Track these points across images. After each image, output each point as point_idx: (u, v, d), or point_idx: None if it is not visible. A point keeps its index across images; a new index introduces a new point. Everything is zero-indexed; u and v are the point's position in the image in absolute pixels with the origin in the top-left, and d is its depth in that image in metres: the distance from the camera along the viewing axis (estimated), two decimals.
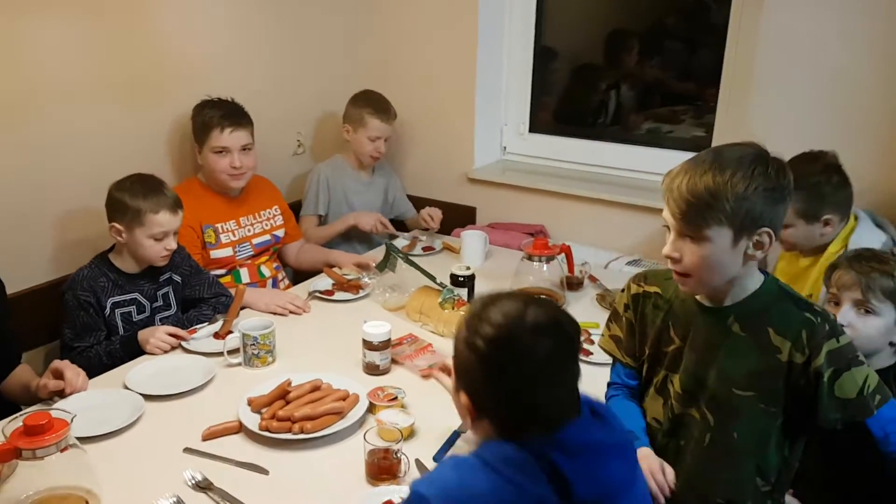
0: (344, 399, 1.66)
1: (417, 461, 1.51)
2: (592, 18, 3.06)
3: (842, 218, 1.93)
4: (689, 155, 2.54)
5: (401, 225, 2.95)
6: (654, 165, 2.70)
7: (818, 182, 1.91)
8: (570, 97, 3.12)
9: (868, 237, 1.92)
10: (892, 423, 1.32)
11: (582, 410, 1.09)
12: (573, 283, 2.35)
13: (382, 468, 1.44)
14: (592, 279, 2.43)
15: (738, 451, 1.37)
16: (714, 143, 2.57)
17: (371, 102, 2.75)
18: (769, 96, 2.31)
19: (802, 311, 1.32)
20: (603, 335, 1.61)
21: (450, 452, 1.52)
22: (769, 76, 2.29)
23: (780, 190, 1.27)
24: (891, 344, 1.59)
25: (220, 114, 2.34)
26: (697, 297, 1.39)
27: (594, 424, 1.10)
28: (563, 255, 2.31)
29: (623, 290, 1.55)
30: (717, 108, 2.55)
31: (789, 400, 1.32)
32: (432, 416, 1.62)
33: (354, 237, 2.78)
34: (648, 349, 1.49)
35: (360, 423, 1.62)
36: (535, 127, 3.04)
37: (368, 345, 1.82)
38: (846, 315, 1.58)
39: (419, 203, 2.93)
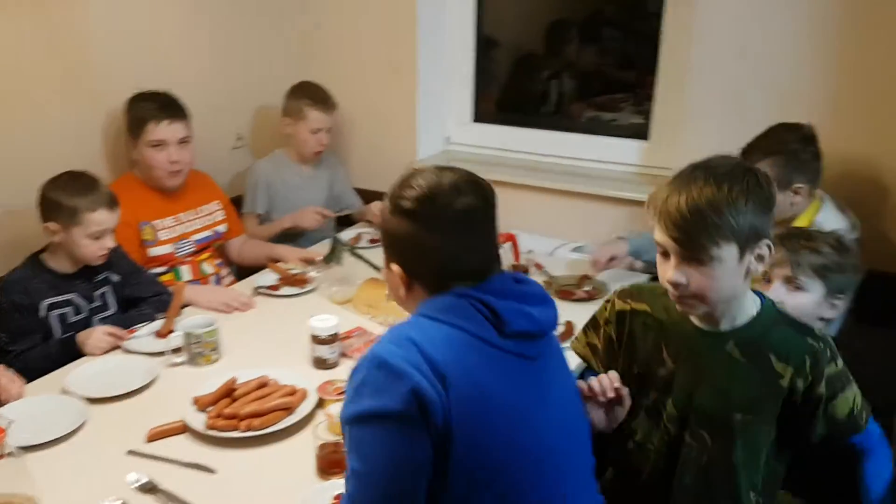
0: (292, 395, 1.64)
1: None
2: (532, 8, 3.08)
3: (811, 190, 1.96)
4: (631, 142, 2.68)
5: (347, 218, 2.92)
6: (596, 153, 2.76)
7: (796, 150, 1.94)
8: (513, 87, 3.14)
9: (833, 219, 1.97)
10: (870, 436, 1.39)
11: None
12: (520, 272, 2.37)
13: (333, 462, 1.43)
14: (538, 267, 2.45)
15: (737, 469, 1.35)
16: (653, 131, 2.63)
17: (309, 93, 2.71)
18: (705, 83, 2.35)
19: (804, 336, 1.32)
20: (578, 340, 1.59)
21: None
22: (704, 63, 2.34)
23: (770, 199, 1.25)
24: (820, 319, 1.64)
25: (155, 106, 2.28)
26: (693, 318, 1.36)
27: (516, 281, 1.22)
28: (508, 243, 2.33)
29: (606, 302, 1.52)
30: (654, 95, 2.59)
31: (784, 418, 1.33)
32: None
33: (298, 233, 2.74)
34: (637, 369, 1.44)
35: (310, 418, 1.60)
36: (479, 117, 3.05)
37: (316, 339, 1.81)
38: (777, 291, 1.61)
39: (366, 196, 2.90)
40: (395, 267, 1.21)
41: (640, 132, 2.68)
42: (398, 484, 1.07)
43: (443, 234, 1.16)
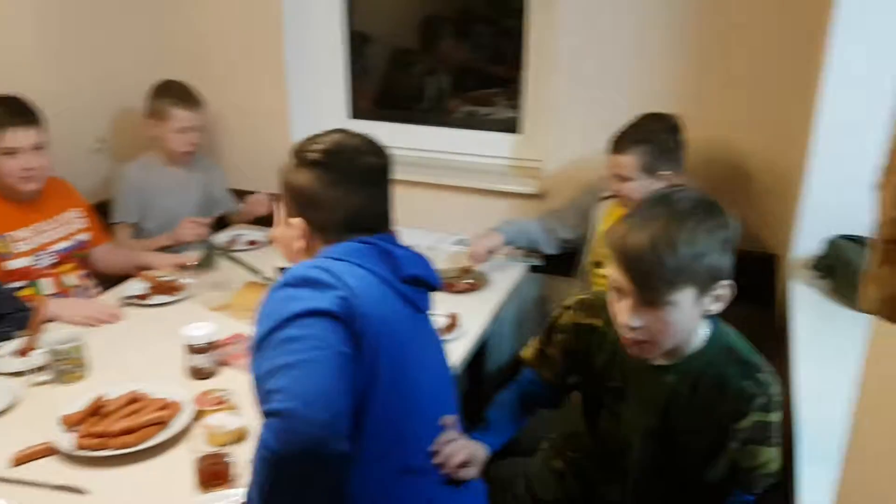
0: (165, 408, 1.57)
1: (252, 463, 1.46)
2: (405, 4, 3.09)
3: (675, 176, 2.05)
4: (505, 136, 2.74)
5: (223, 221, 2.83)
6: (472, 147, 2.80)
7: (665, 139, 2.04)
8: (390, 83, 3.13)
9: None
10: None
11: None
12: None
13: (213, 474, 1.39)
14: None
15: (684, 474, 1.37)
16: (524, 125, 2.69)
17: (172, 92, 2.59)
18: (570, 77, 2.43)
19: (743, 379, 1.26)
20: (529, 346, 1.57)
21: None
22: (568, 57, 2.42)
23: (731, 238, 1.22)
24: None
25: (6, 112, 2.12)
26: None
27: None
28: None
29: (565, 309, 1.49)
30: (523, 90, 2.66)
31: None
32: None
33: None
34: (594, 378, 1.44)
35: (187, 430, 1.54)
36: (356, 113, 3.02)
37: (191, 348, 1.74)
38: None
39: (242, 197, 2.82)
40: (296, 221, 1.27)
41: (513, 126, 2.75)
42: (331, 370, 1.08)
43: (349, 186, 1.25)
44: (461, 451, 1.34)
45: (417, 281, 1.29)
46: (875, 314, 0.60)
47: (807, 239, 1.94)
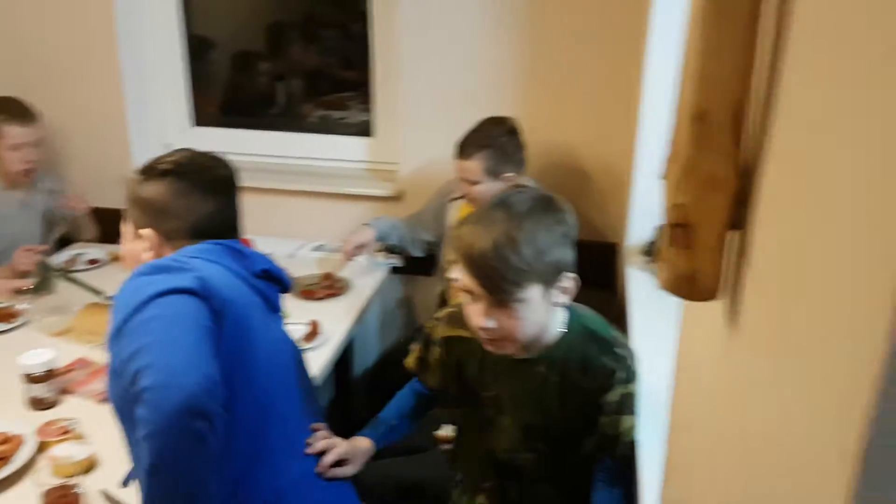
0: (6, 442, 1.47)
1: (104, 492, 1.40)
2: (249, 9, 3.03)
3: (518, 178, 2.13)
4: (358, 139, 2.75)
5: (64, 240, 2.65)
6: (327, 151, 2.79)
7: (505, 142, 2.11)
8: (238, 89, 3.06)
9: None
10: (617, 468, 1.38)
11: None
12: None
13: None
14: None
15: (569, 473, 1.42)
16: (377, 128, 2.71)
17: (3, 108, 2.41)
18: (416, 80, 2.47)
19: (602, 356, 1.34)
20: (412, 353, 1.57)
21: None
22: (412, 60, 2.46)
23: (571, 231, 1.27)
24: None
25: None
26: None
27: None
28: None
29: (436, 320, 1.52)
30: (373, 93, 2.67)
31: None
32: (115, 441, 1.50)
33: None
34: (469, 391, 1.46)
35: (31, 463, 1.45)
36: (201, 120, 2.93)
37: (29, 378, 1.63)
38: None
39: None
40: (146, 232, 1.29)
41: (368, 129, 2.76)
42: (195, 339, 1.09)
43: (200, 194, 1.29)
44: (334, 449, 1.37)
45: (270, 277, 1.34)
46: (669, 292, 0.67)
47: (638, 228, 2.09)
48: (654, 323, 1.70)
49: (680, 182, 0.60)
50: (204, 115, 2.93)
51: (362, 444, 1.48)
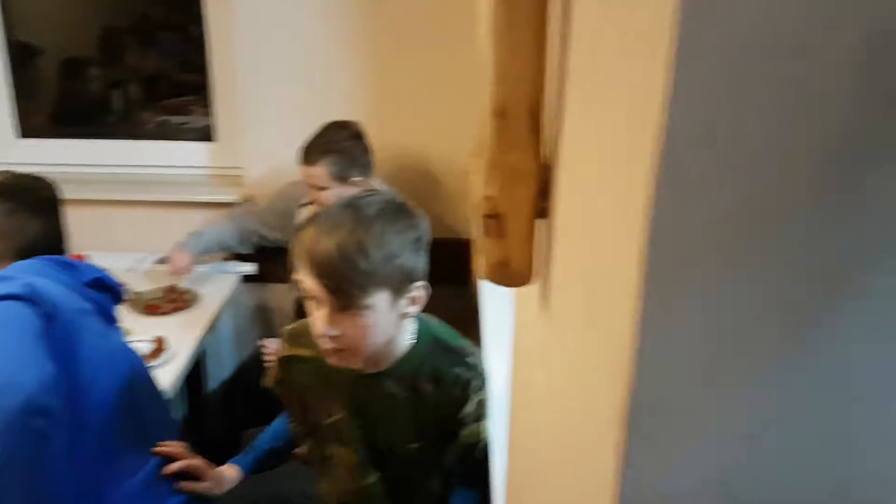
0: None
1: None
2: (74, 12, 2.85)
3: (366, 181, 2.13)
4: (199, 145, 2.66)
5: None
6: (166, 159, 2.68)
7: (349, 146, 2.10)
8: (69, 96, 2.89)
9: None
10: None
11: None
12: None
13: None
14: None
15: (418, 496, 1.38)
16: (218, 132, 2.63)
17: None
18: (257, 83, 2.43)
19: (454, 367, 1.30)
20: (269, 374, 1.46)
21: None
22: (252, 64, 2.42)
23: (423, 237, 1.22)
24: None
25: None
26: None
27: None
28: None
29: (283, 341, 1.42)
30: (212, 97, 2.60)
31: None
32: None
33: None
34: (310, 418, 1.37)
35: None
36: (28, 132, 2.73)
37: None
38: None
39: None
40: None
41: (210, 134, 2.68)
42: (25, 339, 1.10)
43: (25, 214, 1.31)
44: (183, 460, 1.33)
45: (103, 286, 1.34)
46: (487, 279, 0.71)
47: None
48: (506, 317, 1.76)
49: (487, 176, 0.63)
50: (31, 126, 2.74)
51: (229, 473, 1.42)
